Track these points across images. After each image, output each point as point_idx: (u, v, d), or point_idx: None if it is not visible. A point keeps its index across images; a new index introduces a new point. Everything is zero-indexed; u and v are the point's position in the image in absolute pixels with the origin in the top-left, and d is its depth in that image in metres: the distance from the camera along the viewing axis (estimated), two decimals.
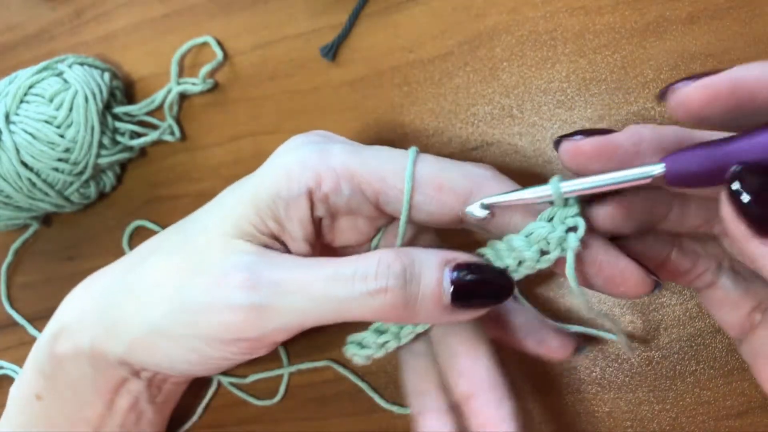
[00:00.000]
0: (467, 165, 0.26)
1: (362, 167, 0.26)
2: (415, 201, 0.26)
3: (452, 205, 0.25)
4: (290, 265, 0.25)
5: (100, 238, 0.44)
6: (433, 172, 0.26)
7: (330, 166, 0.26)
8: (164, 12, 0.43)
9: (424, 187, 0.25)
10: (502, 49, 0.35)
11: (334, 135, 0.29)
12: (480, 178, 0.26)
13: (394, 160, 0.26)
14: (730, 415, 0.31)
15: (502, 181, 0.26)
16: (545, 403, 0.34)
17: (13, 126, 0.37)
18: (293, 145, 0.28)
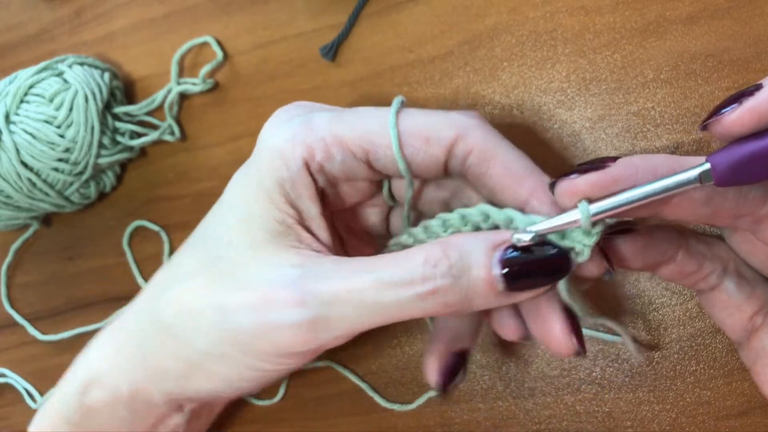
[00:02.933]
0: (452, 114, 0.26)
1: (348, 131, 0.26)
2: (403, 155, 0.26)
3: (439, 155, 0.26)
4: (334, 273, 0.25)
5: (100, 238, 0.44)
6: (417, 124, 0.26)
7: (318, 136, 0.26)
8: (164, 12, 0.43)
9: (411, 139, 0.26)
10: (502, 49, 0.35)
11: (315, 104, 0.29)
12: (465, 126, 0.26)
13: (377, 118, 0.26)
14: (730, 415, 0.31)
15: (487, 129, 0.26)
16: (545, 403, 0.34)
17: (13, 126, 0.37)
18: (277, 121, 0.27)
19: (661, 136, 0.32)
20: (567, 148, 0.34)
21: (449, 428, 0.35)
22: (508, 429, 0.34)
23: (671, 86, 0.32)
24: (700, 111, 0.32)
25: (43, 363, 0.45)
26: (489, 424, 0.35)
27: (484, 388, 0.35)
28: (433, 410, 0.36)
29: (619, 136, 0.33)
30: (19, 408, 0.45)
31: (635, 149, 0.32)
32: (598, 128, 0.33)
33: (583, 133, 0.33)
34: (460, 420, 0.35)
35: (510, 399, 0.34)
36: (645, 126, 0.32)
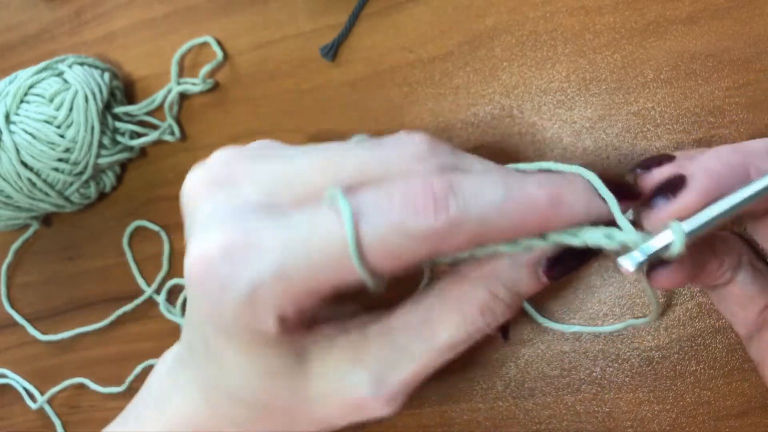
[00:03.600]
0: (408, 195, 0.21)
1: (302, 275, 0.21)
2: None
3: (410, 261, 0.22)
4: (400, 355, 0.24)
5: (100, 238, 0.44)
6: (379, 236, 0.20)
7: (266, 296, 0.21)
8: (164, 12, 0.43)
9: (381, 264, 0.21)
10: (502, 49, 0.35)
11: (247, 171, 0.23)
12: (436, 235, 0.21)
13: (336, 244, 0.20)
14: (730, 415, 0.31)
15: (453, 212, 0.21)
16: (545, 403, 0.34)
17: (13, 126, 0.37)
18: (202, 227, 0.22)
19: (661, 136, 0.32)
20: (567, 148, 0.34)
21: (449, 428, 0.35)
22: (508, 429, 0.34)
23: (671, 86, 0.32)
24: (700, 111, 0.32)
25: (43, 363, 0.45)
26: (489, 424, 0.35)
27: (484, 388, 0.35)
28: (433, 410, 0.36)
29: (619, 136, 0.33)
30: (19, 408, 0.46)
31: (635, 149, 0.32)
32: (598, 128, 0.33)
33: (583, 133, 0.33)
34: (460, 420, 0.35)
35: (510, 399, 0.34)
36: (645, 126, 0.32)
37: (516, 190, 0.21)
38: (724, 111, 0.31)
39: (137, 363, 0.42)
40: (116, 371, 0.43)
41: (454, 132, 0.36)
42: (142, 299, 0.42)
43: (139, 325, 0.42)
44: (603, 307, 0.33)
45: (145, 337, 0.42)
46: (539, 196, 0.21)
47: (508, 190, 0.21)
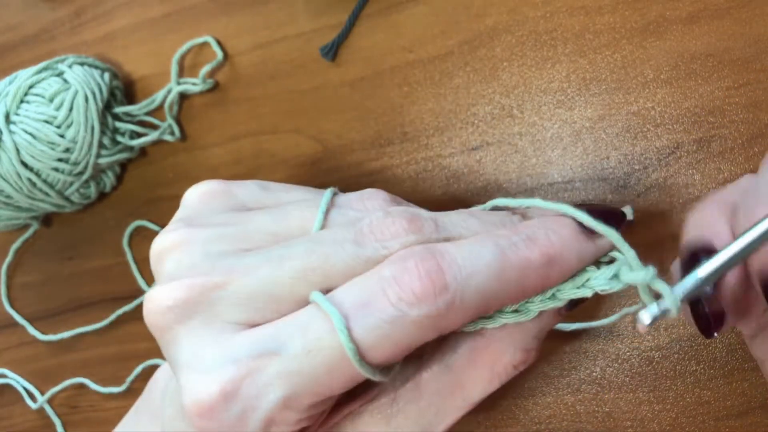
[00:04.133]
0: (388, 286, 0.20)
1: (310, 393, 0.20)
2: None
3: (416, 345, 0.21)
4: (436, 422, 0.23)
5: (100, 238, 0.44)
6: (380, 334, 0.20)
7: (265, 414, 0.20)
8: (164, 12, 0.43)
9: (380, 357, 0.20)
10: (502, 49, 0.35)
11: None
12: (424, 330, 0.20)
13: (332, 359, 0.20)
14: (730, 415, 0.31)
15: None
16: (545, 403, 0.34)
17: (13, 126, 0.37)
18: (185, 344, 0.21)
19: (661, 136, 0.32)
20: (567, 148, 0.34)
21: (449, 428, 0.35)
22: (508, 429, 0.34)
23: (671, 86, 0.32)
24: (700, 111, 0.32)
25: (43, 363, 0.45)
26: (489, 424, 0.35)
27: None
28: None
29: (619, 136, 0.33)
30: (19, 408, 0.45)
31: (635, 149, 0.32)
32: (598, 128, 0.33)
33: (583, 133, 0.33)
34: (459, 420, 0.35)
35: (510, 399, 0.34)
36: (645, 126, 0.32)
37: (510, 255, 0.20)
38: (724, 111, 0.31)
39: (137, 363, 0.42)
40: (116, 371, 0.43)
41: (454, 132, 0.36)
42: (142, 299, 0.42)
43: (139, 325, 0.42)
44: (603, 306, 0.33)
45: (145, 337, 0.42)
46: (533, 257, 0.21)
47: (502, 257, 0.20)
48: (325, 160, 0.38)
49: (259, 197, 0.25)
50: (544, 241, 0.21)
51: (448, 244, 0.21)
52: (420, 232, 0.21)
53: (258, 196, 0.25)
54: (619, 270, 0.21)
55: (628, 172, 0.33)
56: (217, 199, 0.25)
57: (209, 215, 0.24)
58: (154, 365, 0.41)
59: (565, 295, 0.22)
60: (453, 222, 0.22)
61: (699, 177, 0.32)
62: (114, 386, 0.42)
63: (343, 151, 0.38)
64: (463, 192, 0.35)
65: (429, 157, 0.36)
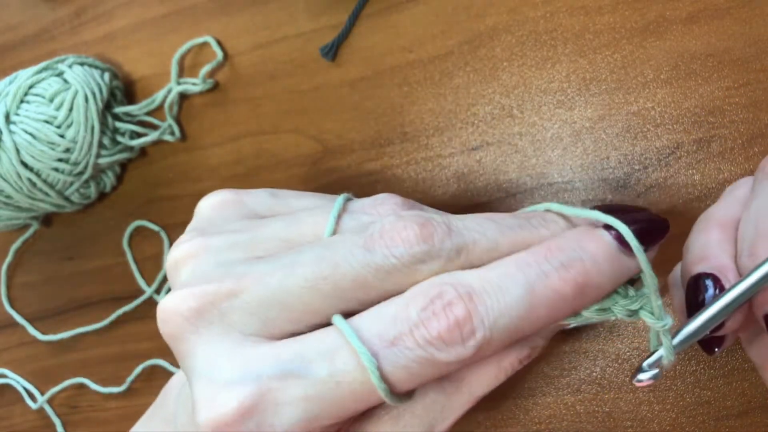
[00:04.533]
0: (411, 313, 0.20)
1: (329, 416, 0.20)
2: None
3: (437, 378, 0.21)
4: (442, 417, 0.23)
5: (100, 238, 0.44)
6: (406, 372, 0.20)
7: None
8: (164, 12, 0.43)
9: (402, 389, 0.20)
10: (502, 49, 0.35)
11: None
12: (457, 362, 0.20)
13: (355, 389, 0.20)
14: (730, 415, 0.31)
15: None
16: (545, 403, 0.34)
17: (13, 126, 0.37)
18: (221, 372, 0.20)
19: (661, 136, 0.32)
20: (567, 148, 0.34)
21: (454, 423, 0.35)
22: (508, 429, 0.34)
23: (671, 86, 0.32)
24: (700, 111, 0.32)
25: (43, 363, 0.45)
26: (489, 424, 0.35)
27: None
28: None
29: (619, 136, 0.33)
30: (19, 408, 0.45)
31: (635, 149, 0.32)
32: (598, 128, 0.33)
33: (583, 133, 0.33)
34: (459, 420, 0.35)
35: (510, 399, 0.34)
36: (645, 126, 0.32)
37: (540, 290, 0.20)
38: (724, 111, 0.31)
39: (137, 363, 0.42)
40: (116, 371, 0.43)
41: (454, 132, 0.36)
42: (142, 299, 0.42)
43: (139, 325, 0.42)
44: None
45: (145, 337, 0.42)
46: (565, 290, 0.20)
47: (531, 295, 0.19)
48: (325, 160, 0.38)
49: (270, 205, 0.25)
50: (578, 269, 0.20)
51: (473, 276, 0.20)
52: (431, 239, 0.20)
53: (269, 204, 0.25)
54: (641, 308, 0.21)
55: (628, 172, 0.33)
56: (229, 209, 0.25)
57: (222, 224, 0.24)
58: (154, 365, 0.41)
59: (588, 314, 0.21)
60: (468, 227, 0.21)
61: (699, 177, 0.32)
62: (114, 386, 0.42)
63: (343, 151, 0.38)
64: (463, 192, 0.35)
65: (429, 157, 0.36)
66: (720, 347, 0.24)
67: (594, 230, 0.21)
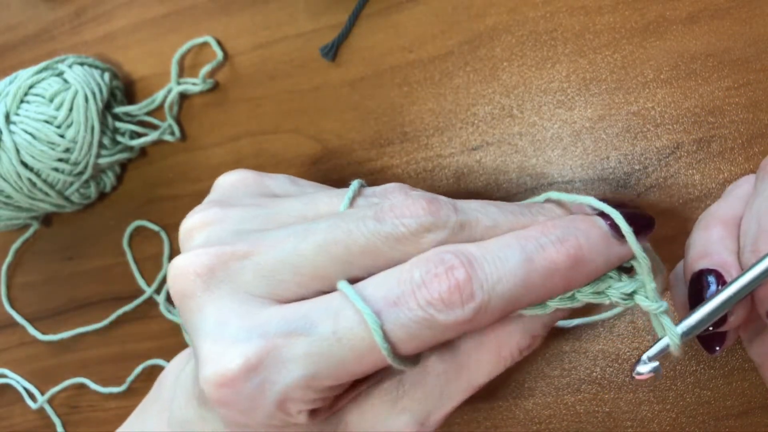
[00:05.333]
0: (420, 283, 0.20)
1: (330, 376, 0.20)
2: None
3: (438, 343, 0.22)
4: (439, 399, 0.24)
5: (100, 238, 0.44)
6: (406, 333, 0.20)
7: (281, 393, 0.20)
8: (164, 12, 0.43)
9: (403, 351, 0.21)
10: (502, 49, 0.35)
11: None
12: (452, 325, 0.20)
13: (357, 347, 0.20)
14: (730, 415, 0.31)
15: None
16: (545, 403, 0.34)
17: (13, 126, 0.37)
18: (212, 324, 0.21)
19: (661, 136, 0.32)
20: (567, 148, 0.34)
21: (449, 428, 0.35)
22: (508, 429, 0.34)
23: (671, 86, 0.32)
24: (700, 111, 0.32)
25: (43, 363, 0.45)
26: (489, 424, 0.35)
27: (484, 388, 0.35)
28: None
29: (619, 136, 0.33)
30: (19, 408, 0.45)
31: (635, 149, 0.32)
32: (598, 128, 0.33)
33: (583, 133, 0.33)
34: (460, 420, 0.35)
35: (510, 399, 0.34)
36: (645, 126, 0.32)
37: (536, 260, 0.21)
38: (724, 111, 0.31)
39: (137, 363, 0.42)
40: (116, 371, 0.43)
41: (454, 132, 0.36)
42: (142, 299, 0.42)
43: (139, 325, 0.42)
44: (602, 306, 0.33)
45: (145, 337, 0.42)
46: (560, 260, 0.21)
47: (528, 263, 0.20)
48: (325, 160, 0.38)
49: (288, 189, 0.26)
50: (572, 243, 0.21)
51: (474, 246, 0.21)
52: (438, 213, 0.21)
53: (287, 188, 0.26)
54: (636, 291, 0.22)
55: (628, 172, 0.33)
56: (249, 186, 0.26)
57: (240, 198, 0.25)
58: (154, 365, 0.41)
59: (584, 298, 0.22)
60: (471, 207, 0.22)
61: (699, 177, 0.32)
62: (114, 386, 0.42)
63: (343, 151, 0.38)
64: (463, 192, 0.35)
65: (429, 157, 0.36)
66: (721, 346, 0.24)
67: (588, 216, 0.22)
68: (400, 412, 0.24)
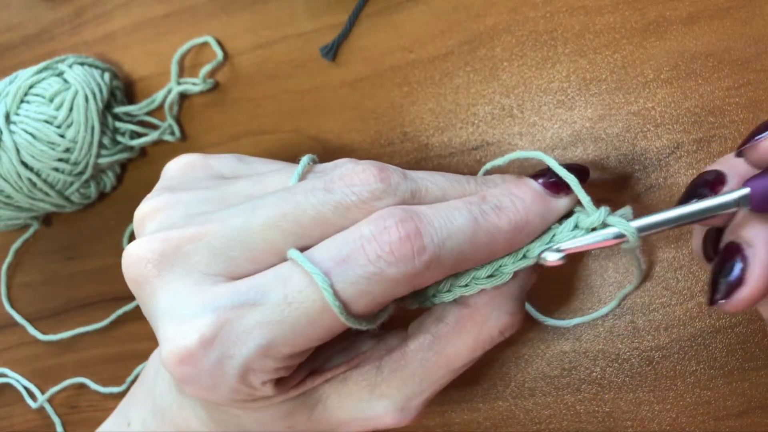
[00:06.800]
0: (377, 253, 0.20)
1: (288, 343, 0.21)
2: None
3: (391, 300, 0.22)
4: (419, 382, 0.24)
5: (100, 238, 0.44)
6: (359, 289, 0.20)
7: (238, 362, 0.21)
8: (164, 12, 0.43)
9: (358, 310, 0.21)
10: (502, 49, 0.35)
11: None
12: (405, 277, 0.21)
13: (310, 310, 0.20)
14: (730, 415, 0.31)
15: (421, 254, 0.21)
16: (545, 403, 0.34)
17: (13, 126, 0.37)
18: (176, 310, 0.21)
19: (661, 136, 0.32)
20: (567, 148, 0.34)
21: (449, 428, 0.35)
22: (508, 429, 0.34)
23: (671, 86, 0.32)
24: (700, 111, 0.32)
25: (43, 363, 0.45)
26: (489, 424, 0.35)
27: (484, 388, 0.35)
28: (433, 410, 0.36)
29: (619, 136, 0.33)
30: (19, 408, 0.46)
31: (635, 149, 0.32)
32: (598, 128, 0.33)
33: (583, 133, 0.33)
34: (459, 420, 0.35)
35: (510, 399, 0.34)
36: (645, 126, 0.32)
37: (481, 221, 0.22)
38: (724, 111, 0.31)
39: (137, 363, 0.42)
40: (116, 371, 0.43)
41: (454, 132, 0.36)
42: None
43: (139, 325, 0.42)
44: (602, 306, 0.33)
45: (145, 337, 0.42)
46: (501, 224, 0.22)
47: (474, 223, 0.21)
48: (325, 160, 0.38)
49: (236, 168, 0.26)
50: (510, 209, 0.22)
51: (424, 207, 0.21)
52: (388, 180, 0.22)
53: (236, 168, 0.26)
54: (578, 219, 0.23)
55: (628, 172, 0.33)
56: (197, 170, 0.26)
57: (190, 183, 0.25)
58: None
59: (535, 253, 0.23)
60: (420, 177, 0.23)
61: None
62: (114, 386, 0.42)
63: (343, 151, 0.38)
64: None
65: (429, 157, 0.36)
66: (731, 296, 0.22)
67: (521, 179, 0.24)
68: (379, 397, 0.24)
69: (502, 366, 0.35)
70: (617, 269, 0.33)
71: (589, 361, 0.33)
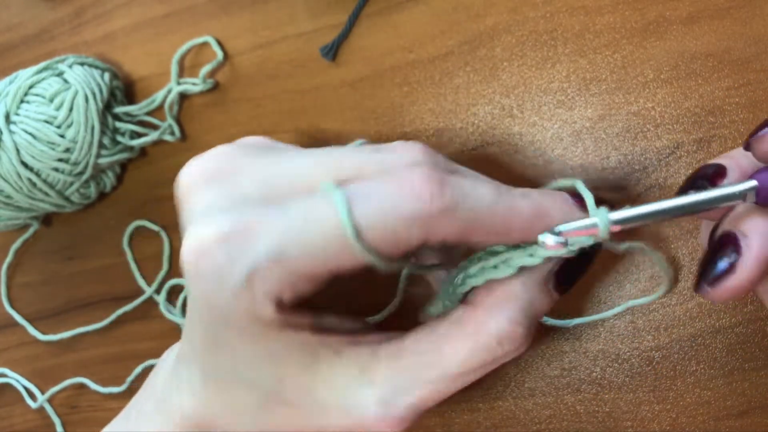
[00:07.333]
0: (406, 191, 0.21)
1: (299, 258, 0.21)
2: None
3: (409, 250, 0.23)
4: (410, 379, 0.24)
5: (100, 238, 0.44)
6: (377, 229, 0.21)
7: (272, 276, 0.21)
8: (164, 12, 0.43)
9: (378, 245, 0.21)
10: (502, 49, 0.35)
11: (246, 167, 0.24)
12: (428, 216, 0.22)
13: (332, 231, 0.21)
14: (730, 415, 0.31)
15: (452, 205, 0.22)
16: (545, 403, 0.34)
17: (13, 126, 0.37)
18: (201, 217, 0.22)
19: (661, 136, 0.32)
20: (567, 148, 0.34)
21: (449, 428, 0.35)
22: (508, 429, 0.34)
23: (671, 86, 0.32)
24: (700, 111, 0.32)
25: (43, 363, 0.45)
26: (489, 424, 0.35)
27: (484, 388, 0.35)
28: (433, 410, 0.36)
29: (619, 136, 0.33)
30: (19, 408, 0.46)
31: (635, 149, 0.32)
32: (598, 128, 0.33)
33: (583, 133, 0.33)
34: (459, 420, 0.35)
35: (510, 399, 0.34)
36: (645, 126, 0.32)
37: (505, 198, 0.23)
38: (724, 111, 0.31)
39: (137, 363, 0.42)
40: (116, 371, 0.43)
41: (454, 132, 0.36)
42: (142, 299, 0.42)
43: (139, 325, 0.42)
44: (603, 307, 0.33)
45: (145, 337, 0.42)
46: (524, 206, 0.23)
47: (497, 196, 0.22)
48: None
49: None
50: (536, 198, 0.23)
51: (455, 174, 0.23)
52: (432, 154, 0.23)
53: None
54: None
55: (628, 172, 0.33)
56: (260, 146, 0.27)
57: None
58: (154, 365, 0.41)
59: (542, 254, 0.23)
60: (464, 168, 0.24)
61: None
62: (114, 386, 0.42)
63: None
64: None
65: None
66: (717, 284, 0.23)
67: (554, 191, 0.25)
68: (367, 383, 0.24)
69: (502, 366, 0.35)
70: (618, 269, 0.33)
71: (589, 361, 0.33)
